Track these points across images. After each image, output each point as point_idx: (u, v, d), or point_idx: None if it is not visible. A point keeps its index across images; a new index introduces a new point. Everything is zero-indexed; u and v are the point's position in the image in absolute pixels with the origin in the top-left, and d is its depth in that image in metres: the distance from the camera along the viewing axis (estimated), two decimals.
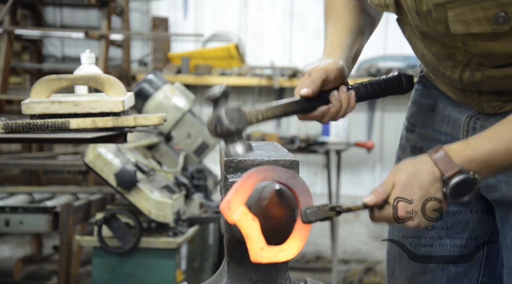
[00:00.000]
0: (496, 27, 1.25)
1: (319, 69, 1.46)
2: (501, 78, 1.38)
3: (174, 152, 3.44)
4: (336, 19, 1.57)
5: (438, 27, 1.33)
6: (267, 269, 1.35)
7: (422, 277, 1.66)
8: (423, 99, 1.65)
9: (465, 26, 1.28)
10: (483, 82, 1.41)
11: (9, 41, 4.47)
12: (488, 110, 1.48)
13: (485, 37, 1.29)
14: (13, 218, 2.90)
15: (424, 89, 1.66)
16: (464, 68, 1.42)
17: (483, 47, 1.32)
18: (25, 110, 1.78)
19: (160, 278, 2.79)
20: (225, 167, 1.32)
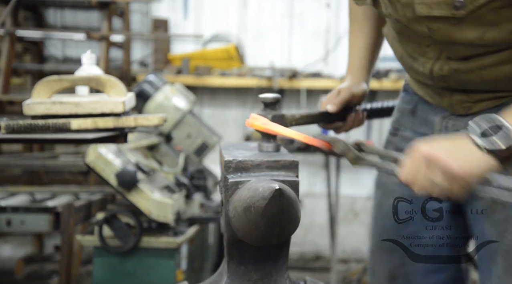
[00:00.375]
0: (454, 11, 1.36)
1: (348, 91, 1.73)
2: (465, 72, 1.49)
3: (174, 152, 3.45)
4: (359, 30, 1.79)
5: (406, 12, 1.46)
6: (267, 269, 1.36)
7: (402, 268, 1.74)
8: (405, 105, 1.80)
9: (428, 9, 1.40)
10: (450, 75, 1.52)
11: (11, 43, 4.48)
12: (460, 111, 1.60)
13: (446, 22, 1.41)
14: (14, 218, 2.91)
15: (407, 96, 1.80)
16: (434, 63, 1.54)
17: (445, 34, 1.43)
18: (27, 111, 1.79)
19: (161, 277, 2.80)
20: (225, 167, 1.33)
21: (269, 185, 1.20)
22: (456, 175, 1.23)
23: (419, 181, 1.27)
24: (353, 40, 1.81)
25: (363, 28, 1.77)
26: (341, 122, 1.78)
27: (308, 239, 5.51)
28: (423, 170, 1.25)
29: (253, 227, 1.23)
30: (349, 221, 5.56)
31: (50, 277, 4.16)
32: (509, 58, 1.45)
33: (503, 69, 1.46)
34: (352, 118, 1.77)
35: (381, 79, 4.89)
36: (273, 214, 1.21)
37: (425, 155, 1.26)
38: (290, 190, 1.24)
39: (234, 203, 1.26)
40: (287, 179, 1.30)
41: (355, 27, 1.80)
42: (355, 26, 1.80)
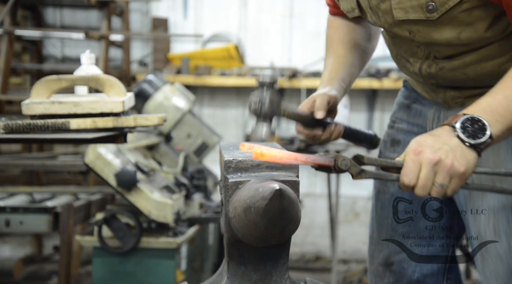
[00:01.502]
0: (428, 14, 1.46)
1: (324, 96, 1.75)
2: (450, 70, 1.58)
3: (174, 152, 3.45)
4: (334, 53, 1.86)
5: (387, 18, 1.55)
6: (267, 269, 1.36)
7: (397, 256, 1.80)
8: (403, 99, 1.88)
9: (404, 13, 1.49)
10: (437, 73, 1.61)
11: (10, 42, 4.48)
12: (453, 106, 1.69)
13: (424, 25, 1.50)
14: (13, 218, 2.90)
15: (406, 92, 1.88)
16: (422, 62, 1.63)
17: (425, 36, 1.52)
18: (26, 111, 1.78)
19: (160, 278, 2.79)
20: (225, 167, 1.32)
21: (269, 185, 1.19)
22: (461, 173, 1.32)
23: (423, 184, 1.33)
24: (327, 61, 1.86)
25: (338, 51, 1.85)
26: (319, 132, 1.78)
27: (309, 239, 5.51)
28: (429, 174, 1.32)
29: (253, 227, 1.22)
30: (350, 221, 5.55)
31: (50, 277, 4.15)
32: (489, 56, 1.53)
33: (485, 66, 1.55)
34: (330, 131, 1.79)
35: (381, 79, 4.88)
36: (273, 214, 1.20)
37: (430, 159, 1.31)
38: (290, 190, 1.23)
39: (234, 203, 1.26)
40: (287, 179, 1.29)
41: (330, 50, 1.87)
42: (330, 50, 1.87)
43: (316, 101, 1.74)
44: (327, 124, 1.78)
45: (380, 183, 1.86)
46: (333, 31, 1.89)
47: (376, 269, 1.85)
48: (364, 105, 5.41)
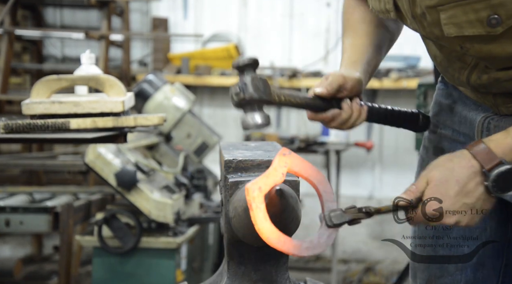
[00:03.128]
0: (490, 29, 1.23)
1: (338, 75, 1.46)
2: (507, 80, 1.36)
3: (174, 152, 3.45)
4: (354, 33, 1.57)
5: (434, 30, 1.33)
6: (267, 269, 1.36)
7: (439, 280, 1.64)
8: (443, 99, 1.64)
9: (458, 29, 1.27)
10: (490, 84, 1.40)
11: (10, 42, 4.48)
12: (504, 111, 1.47)
13: (481, 40, 1.28)
14: (13, 218, 2.90)
15: (445, 89, 1.64)
16: (471, 71, 1.41)
17: (481, 50, 1.31)
18: (26, 111, 1.78)
19: (160, 278, 2.79)
20: (225, 167, 1.32)
21: None
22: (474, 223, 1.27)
23: None
24: (346, 42, 1.59)
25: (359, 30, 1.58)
26: (337, 110, 1.47)
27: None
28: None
29: (253, 227, 1.22)
30: None
31: (49, 277, 4.15)
32: None
33: None
34: (349, 105, 1.46)
35: (381, 79, 4.88)
36: (274, 214, 1.20)
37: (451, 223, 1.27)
38: (290, 189, 1.23)
39: (234, 203, 1.25)
40: (287, 179, 1.29)
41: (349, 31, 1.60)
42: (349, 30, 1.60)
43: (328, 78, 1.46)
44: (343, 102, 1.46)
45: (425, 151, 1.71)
46: (350, 11, 1.61)
47: None
48: None
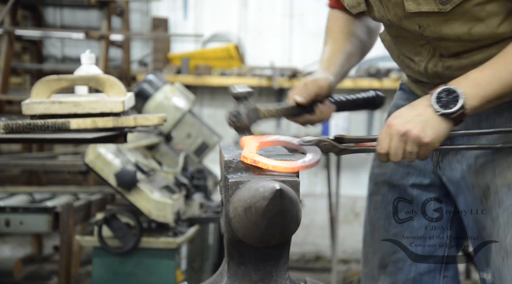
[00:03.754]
0: (441, 6, 1.46)
1: (315, 84, 1.74)
2: (458, 69, 1.56)
3: (174, 152, 3.45)
4: (332, 41, 1.86)
5: (397, 11, 1.54)
6: (267, 269, 1.36)
7: (392, 256, 1.79)
8: (401, 101, 1.84)
9: (416, 5, 1.48)
10: (444, 72, 1.60)
11: (10, 42, 4.48)
12: None
13: (435, 18, 1.49)
14: (13, 218, 2.90)
15: (404, 94, 1.86)
16: (428, 61, 1.62)
17: (435, 30, 1.52)
18: (26, 111, 1.78)
19: (160, 278, 2.79)
20: (225, 167, 1.32)
21: (269, 185, 1.19)
22: (426, 143, 1.45)
23: (394, 152, 1.47)
24: (325, 48, 1.87)
25: (336, 39, 1.85)
26: (309, 116, 1.79)
27: (309, 239, 5.50)
28: (398, 143, 1.46)
29: (253, 227, 1.22)
30: (350, 221, 5.55)
31: (50, 277, 4.15)
32: None
33: None
34: (319, 110, 1.79)
35: (381, 79, 4.88)
36: (274, 214, 1.20)
37: (399, 130, 1.45)
38: (290, 190, 1.23)
39: (235, 203, 1.25)
40: (287, 179, 1.29)
41: (329, 39, 1.88)
42: (329, 39, 1.88)
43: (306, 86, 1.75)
44: (315, 106, 1.78)
45: (373, 184, 1.85)
46: (332, 22, 1.90)
47: (370, 272, 1.83)
48: None
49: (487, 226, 1.59)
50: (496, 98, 1.45)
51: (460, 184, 1.65)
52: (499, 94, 1.45)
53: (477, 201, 1.61)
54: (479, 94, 1.44)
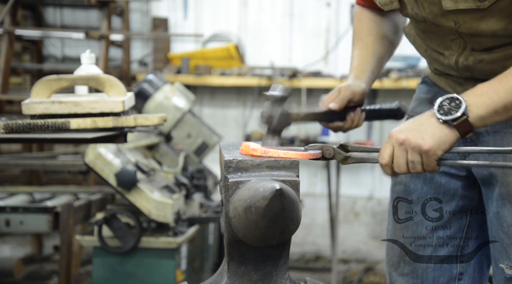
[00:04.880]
0: (479, 3, 1.46)
1: (348, 90, 1.79)
2: (489, 62, 1.57)
3: (174, 152, 3.45)
4: (362, 45, 1.88)
5: (433, 9, 1.54)
6: (267, 269, 1.36)
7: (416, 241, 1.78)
8: (423, 95, 1.86)
9: (454, 3, 1.49)
10: (475, 66, 1.60)
11: (10, 42, 4.48)
12: None
13: (471, 15, 1.49)
14: (13, 218, 2.90)
15: (426, 87, 1.86)
16: (459, 55, 1.62)
17: (470, 27, 1.52)
18: (26, 111, 1.78)
19: (160, 278, 2.79)
20: (225, 167, 1.32)
21: (269, 185, 1.19)
22: (426, 150, 1.42)
23: (396, 162, 1.45)
24: (355, 52, 1.89)
25: (366, 43, 1.87)
26: (341, 123, 1.84)
27: (309, 239, 5.50)
28: (399, 153, 1.44)
29: (253, 227, 1.22)
30: (350, 221, 5.55)
31: (50, 277, 4.15)
32: None
33: None
34: (351, 118, 1.83)
35: (381, 79, 4.88)
36: (274, 214, 1.20)
37: (398, 139, 1.44)
38: (291, 189, 1.23)
39: (235, 203, 1.26)
40: (287, 179, 1.29)
41: (358, 42, 1.89)
42: (358, 42, 1.89)
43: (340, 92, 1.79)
44: (347, 114, 1.83)
45: None
46: (361, 23, 1.90)
47: (391, 260, 1.85)
48: None
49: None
50: (503, 108, 1.43)
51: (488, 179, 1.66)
52: (506, 103, 1.42)
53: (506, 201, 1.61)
54: (485, 102, 1.42)
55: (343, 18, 5.46)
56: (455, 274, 1.78)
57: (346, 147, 1.51)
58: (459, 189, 1.76)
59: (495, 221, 1.65)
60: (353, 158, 1.51)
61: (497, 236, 1.64)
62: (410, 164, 1.44)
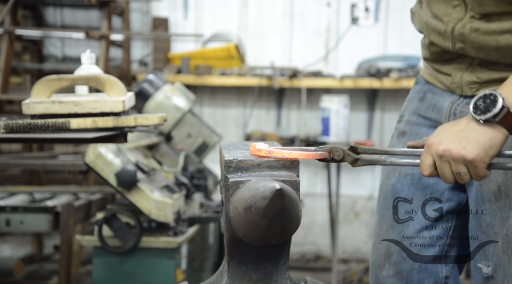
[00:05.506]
0: None
1: None
2: (484, 33, 1.53)
3: (174, 151, 3.45)
4: None
5: None
6: (268, 269, 1.36)
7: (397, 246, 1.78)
8: (415, 94, 1.84)
9: None
10: (470, 35, 1.56)
11: (10, 42, 4.48)
12: (467, 92, 1.64)
13: None
14: (13, 218, 2.90)
15: (418, 87, 1.84)
16: (457, 21, 1.58)
17: None
18: (26, 110, 1.78)
19: (161, 277, 2.79)
20: (225, 167, 1.32)
21: (270, 185, 1.19)
22: (471, 160, 1.34)
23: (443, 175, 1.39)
24: None
25: None
26: None
27: (309, 239, 5.50)
28: (442, 165, 1.37)
29: (253, 226, 1.22)
30: (350, 221, 5.55)
31: (50, 277, 4.15)
32: None
33: None
34: None
35: (381, 79, 4.88)
36: (274, 214, 1.20)
37: (437, 151, 1.37)
38: (291, 189, 1.23)
39: (235, 202, 1.26)
40: (287, 179, 1.29)
41: None
42: None
43: None
44: None
45: (383, 175, 1.86)
46: None
47: (376, 261, 1.85)
48: (364, 105, 5.40)
49: (495, 224, 1.59)
50: None
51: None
52: None
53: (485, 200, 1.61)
54: None
55: (343, 18, 5.46)
56: (441, 278, 1.78)
57: (356, 148, 1.47)
58: (446, 191, 1.74)
59: (474, 220, 1.64)
60: (363, 160, 1.47)
61: (476, 235, 1.63)
62: (457, 176, 1.37)
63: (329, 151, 1.46)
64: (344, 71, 5.21)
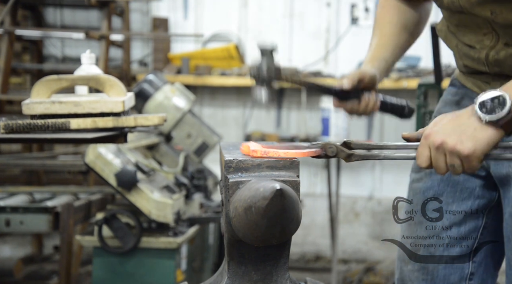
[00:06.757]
0: None
1: (358, 70, 1.81)
2: None
3: (174, 152, 3.45)
4: (380, 33, 1.87)
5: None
6: (268, 269, 1.36)
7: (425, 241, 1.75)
8: (450, 96, 1.82)
9: None
10: (506, 60, 1.56)
11: (10, 42, 4.48)
12: None
13: (509, 5, 1.46)
14: (13, 218, 2.90)
15: (454, 89, 1.82)
16: (490, 49, 1.58)
17: (507, 17, 1.47)
18: (26, 111, 1.78)
19: (161, 278, 2.79)
20: (225, 167, 1.32)
21: (270, 185, 1.19)
22: (466, 156, 1.34)
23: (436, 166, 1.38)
24: (372, 40, 1.88)
25: (385, 31, 1.85)
26: (356, 103, 1.82)
27: (309, 239, 5.50)
28: (437, 156, 1.37)
29: (254, 227, 1.22)
30: (350, 221, 5.55)
31: (50, 277, 4.15)
32: None
33: None
34: (366, 100, 1.82)
35: None
36: (274, 214, 1.20)
37: (434, 142, 1.36)
38: (291, 189, 1.23)
39: (235, 203, 1.25)
40: (288, 179, 1.29)
41: (377, 30, 1.88)
42: (377, 30, 1.88)
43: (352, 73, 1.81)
44: (361, 96, 1.82)
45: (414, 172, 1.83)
46: (384, 10, 1.88)
47: (402, 254, 1.82)
48: None
49: None
50: None
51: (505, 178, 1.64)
52: None
53: None
54: None
55: (343, 18, 5.46)
56: (467, 274, 1.76)
57: (350, 144, 1.46)
58: (477, 188, 1.72)
59: (511, 221, 1.62)
60: (356, 155, 1.46)
61: None
62: (450, 167, 1.37)
63: (323, 147, 1.45)
64: (344, 72, 5.20)
